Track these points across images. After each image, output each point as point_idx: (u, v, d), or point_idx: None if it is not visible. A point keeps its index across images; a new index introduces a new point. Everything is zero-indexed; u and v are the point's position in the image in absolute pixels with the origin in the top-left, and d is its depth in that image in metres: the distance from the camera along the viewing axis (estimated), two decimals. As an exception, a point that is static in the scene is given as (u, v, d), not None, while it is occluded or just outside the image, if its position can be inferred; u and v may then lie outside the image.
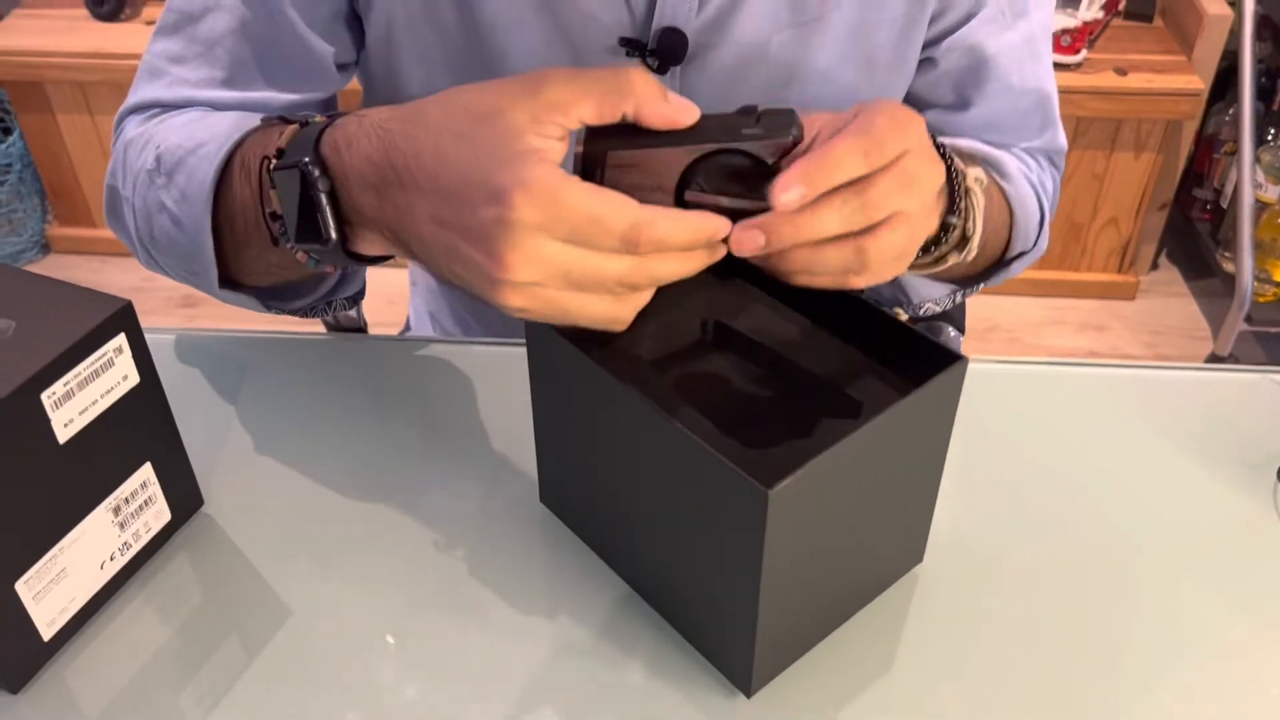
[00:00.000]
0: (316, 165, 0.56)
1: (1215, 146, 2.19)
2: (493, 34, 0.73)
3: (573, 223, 0.48)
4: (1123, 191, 2.16)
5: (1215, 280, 2.26)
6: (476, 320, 0.99)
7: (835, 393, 0.56)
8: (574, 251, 0.49)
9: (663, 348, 0.59)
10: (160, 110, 0.75)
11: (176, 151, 0.68)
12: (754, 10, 0.73)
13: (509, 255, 0.49)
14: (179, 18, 0.74)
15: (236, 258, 0.68)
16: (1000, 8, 0.79)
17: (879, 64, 0.79)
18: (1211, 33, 2.01)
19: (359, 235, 0.58)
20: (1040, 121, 0.86)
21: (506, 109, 0.51)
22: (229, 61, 0.74)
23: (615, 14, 0.72)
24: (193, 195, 0.66)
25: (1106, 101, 2.01)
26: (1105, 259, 2.26)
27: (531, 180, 0.48)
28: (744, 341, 0.60)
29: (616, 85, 0.52)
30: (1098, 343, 2.18)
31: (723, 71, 0.76)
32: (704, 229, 0.52)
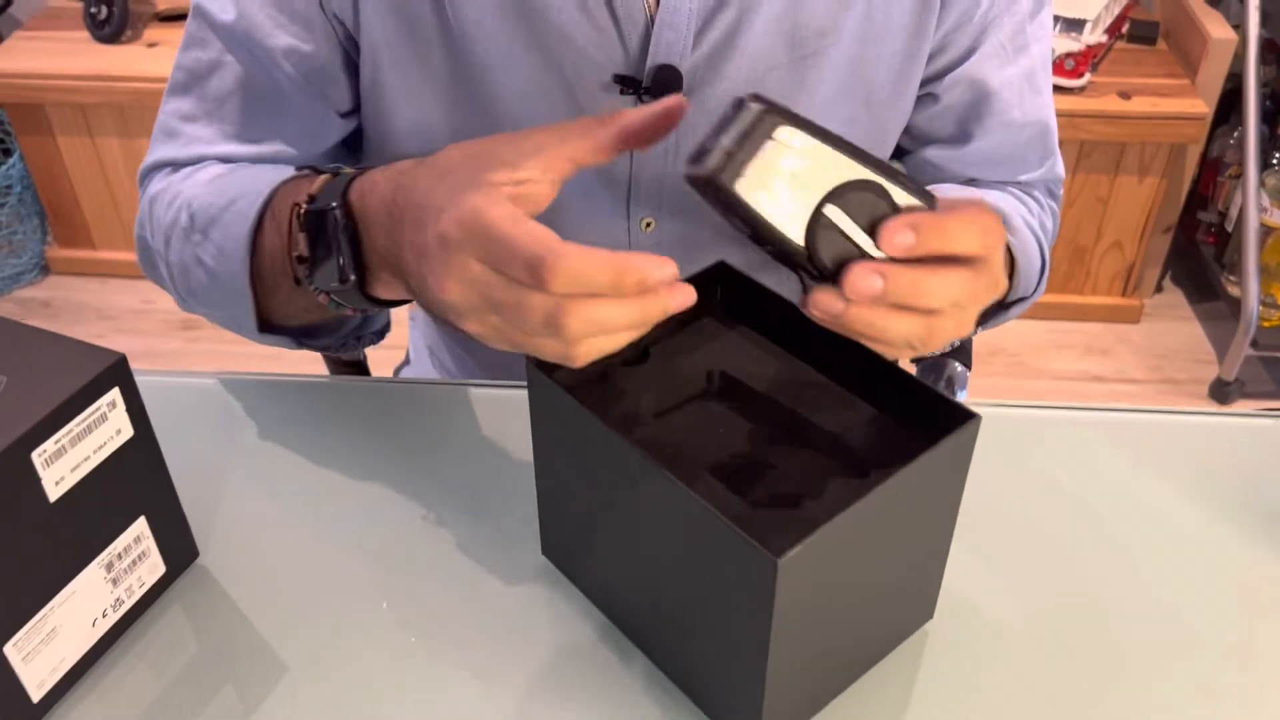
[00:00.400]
0: (342, 209, 0.59)
1: (1220, 169, 2.18)
2: (484, 75, 0.73)
3: (488, 246, 0.48)
4: (1127, 215, 2.15)
5: (1220, 304, 2.25)
6: (473, 357, 0.98)
7: (845, 451, 0.55)
8: (494, 276, 0.49)
9: (666, 399, 0.58)
10: (179, 167, 0.77)
11: (209, 209, 0.70)
12: (750, 46, 0.72)
13: (438, 271, 0.50)
14: (188, 76, 0.76)
15: (268, 303, 0.70)
16: (1001, 43, 0.79)
17: (877, 100, 0.78)
18: (1215, 56, 2.00)
19: (376, 278, 0.60)
20: (1040, 153, 0.86)
21: (493, 148, 0.53)
22: (237, 117, 0.76)
23: (609, 51, 0.71)
24: (229, 251, 0.68)
25: (1110, 125, 2.00)
26: (1109, 282, 2.24)
27: (465, 203, 0.49)
28: (751, 394, 0.59)
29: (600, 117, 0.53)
30: (1102, 366, 2.17)
31: (719, 108, 0.74)
32: (630, 268, 0.47)
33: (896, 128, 0.82)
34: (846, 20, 0.73)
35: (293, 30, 0.72)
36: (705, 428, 0.57)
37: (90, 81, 2.08)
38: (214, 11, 0.73)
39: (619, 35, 0.71)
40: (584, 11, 0.70)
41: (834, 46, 0.73)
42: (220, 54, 0.74)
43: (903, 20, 0.75)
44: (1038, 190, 0.88)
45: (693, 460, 0.54)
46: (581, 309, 0.47)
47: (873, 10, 0.74)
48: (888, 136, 0.82)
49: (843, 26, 0.73)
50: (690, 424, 0.57)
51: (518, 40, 0.71)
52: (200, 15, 0.74)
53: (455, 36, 0.71)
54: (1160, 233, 2.19)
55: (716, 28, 0.71)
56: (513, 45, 0.71)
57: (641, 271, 0.47)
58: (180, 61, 0.76)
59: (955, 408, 0.54)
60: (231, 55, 0.74)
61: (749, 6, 0.71)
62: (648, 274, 0.47)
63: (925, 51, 0.77)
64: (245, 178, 0.72)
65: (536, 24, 0.70)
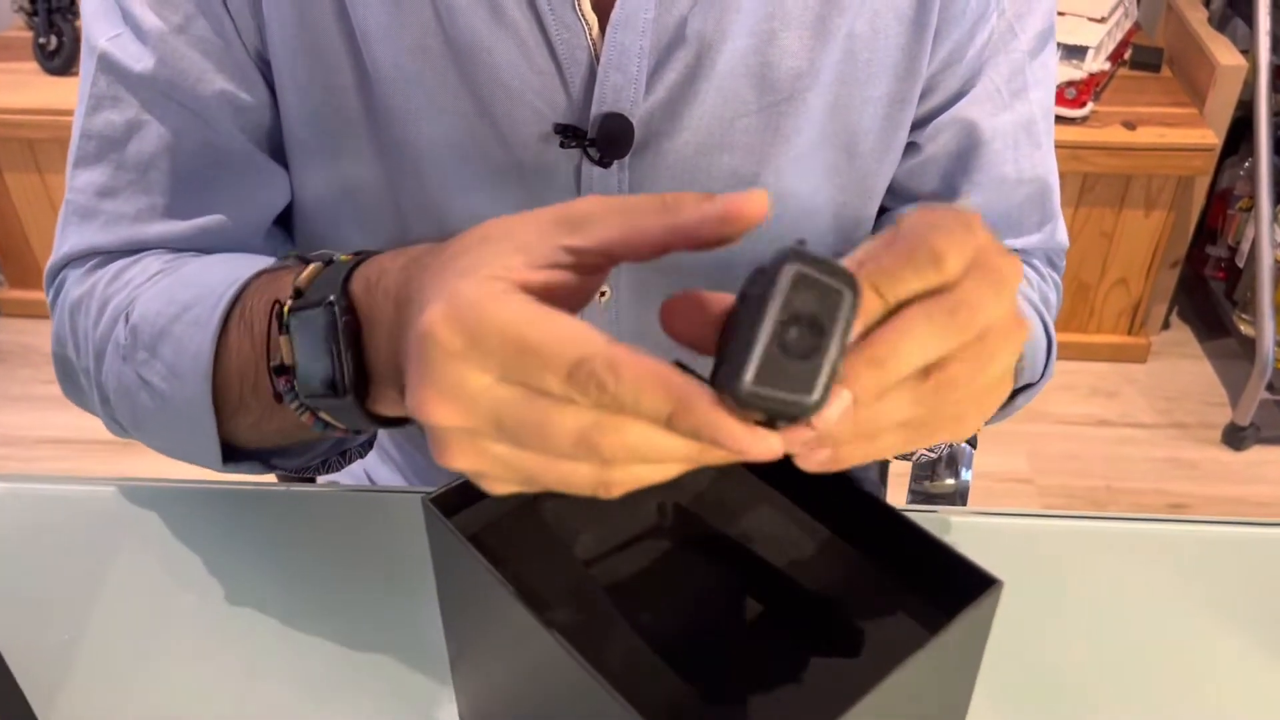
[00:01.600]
0: (342, 303, 0.47)
1: (1229, 202, 2.08)
2: (406, 125, 0.61)
3: (502, 351, 0.35)
4: (1132, 250, 2.04)
5: (1230, 341, 2.14)
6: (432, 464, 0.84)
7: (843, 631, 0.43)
8: (509, 391, 0.36)
9: (607, 542, 0.46)
10: (103, 259, 0.63)
11: (156, 320, 0.57)
12: (713, 90, 0.61)
13: (425, 391, 0.36)
14: (100, 144, 0.62)
15: (232, 426, 0.57)
16: (996, 85, 0.67)
17: (862, 150, 0.66)
18: (1224, 84, 1.90)
19: (382, 393, 0.48)
20: (1039, 216, 0.73)
21: (508, 228, 0.39)
22: (168, 185, 0.62)
23: (549, 97, 0.60)
24: (184, 370, 0.55)
25: (1115, 157, 1.90)
26: (1115, 320, 2.14)
27: (457, 294, 0.36)
28: (716, 539, 0.47)
29: (653, 201, 0.38)
30: (1108, 410, 2.05)
31: (680, 163, 0.63)
32: (695, 410, 0.34)
33: (883, 182, 0.70)
34: (825, 58, 0.61)
35: (225, 76, 0.60)
36: (656, 590, 0.45)
37: (38, 115, 1.97)
38: (125, 61, 0.59)
39: (560, 79, 0.60)
40: (520, 51, 0.59)
41: (811, 90, 0.62)
42: (138, 111, 0.61)
43: (890, 59, 0.63)
44: (1036, 259, 0.75)
45: (640, 651, 0.42)
46: (628, 427, 0.35)
47: (855, 47, 0.62)
48: (873, 191, 0.70)
49: (820, 66, 0.62)
50: (633, 581, 0.45)
51: (445, 86, 0.60)
52: (107, 69, 0.60)
53: (373, 82, 0.60)
54: (1167, 268, 2.09)
55: (672, 69, 0.60)
56: (438, 91, 0.60)
57: (703, 415, 0.34)
58: (87, 128, 0.62)
59: (972, 571, 0.42)
60: (151, 112, 0.61)
61: (709, 43, 0.59)
62: (711, 424, 0.34)
63: (916, 94, 0.65)
64: (197, 276, 0.58)
65: (465, 67, 0.59)
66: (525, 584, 0.42)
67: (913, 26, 0.62)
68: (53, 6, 2.01)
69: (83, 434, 1.94)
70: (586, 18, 0.58)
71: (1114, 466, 1.93)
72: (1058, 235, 0.75)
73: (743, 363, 0.33)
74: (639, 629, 0.42)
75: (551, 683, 0.42)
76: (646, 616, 0.43)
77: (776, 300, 0.33)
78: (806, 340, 0.33)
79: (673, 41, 0.59)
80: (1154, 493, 1.89)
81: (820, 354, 0.34)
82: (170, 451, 0.61)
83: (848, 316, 0.34)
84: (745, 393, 0.33)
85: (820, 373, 0.34)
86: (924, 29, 0.62)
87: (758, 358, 0.33)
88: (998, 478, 1.90)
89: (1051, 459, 1.94)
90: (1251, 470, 1.94)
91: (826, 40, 0.61)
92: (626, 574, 0.46)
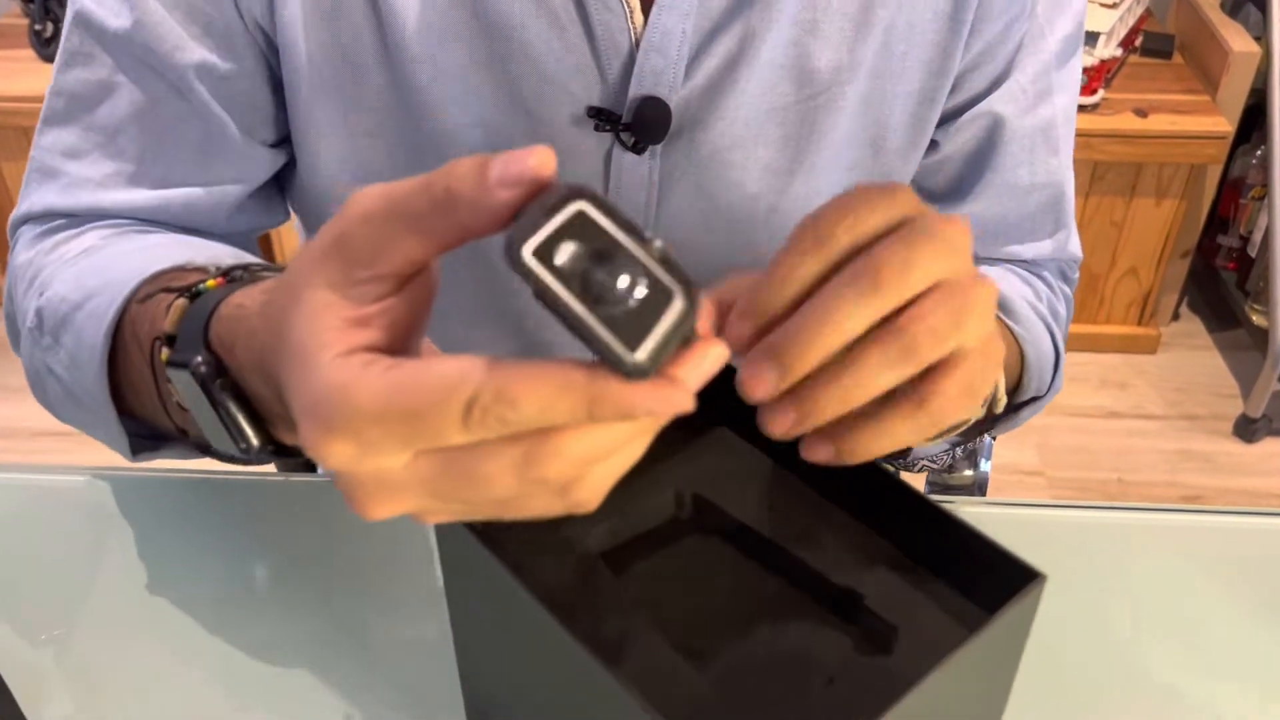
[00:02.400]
0: (210, 365, 0.42)
1: (1241, 190, 2.05)
2: (430, 105, 0.59)
3: (390, 433, 0.31)
4: (1143, 239, 2.02)
5: (1241, 332, 2.11)
6: None
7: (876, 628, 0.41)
8: (428, 462, 0.32)
9: (621, 534, 0.44)
10: (62, 223, 0.60)
11: (61, 305, 0.54)
12: (753, 79, 0.58)
13: (356, 496, 0.33)
14: (70, 102, 0.60)
15: (143, 414, 0.53)
16: (1022, 86, 0.64)
17: (888, 147, 0.64)
18: (1237, 71, 1.87)
19: (282, 429, 0.43)
20: (1051, 225, 0.70)
21: (303, 288, 0.33)
22: (135, 152, 0.60)
23: (583, 79, 0.58)
24: (83, 361, 0.52)
25: (1126, 145, 1.87)
26: (1125, 310, 2.11)
27: (314, 402, 0.31)
28: (736, 529, 0.44)
29: (432, 182, 0.32)
30: (1118, 401, 2.03)
31: (713, 155, 0.61)
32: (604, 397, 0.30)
33: (904, 179, 0.67)
34: (864, 52, 0.59)
35: (207, 44, 0.57)
36: (675, 585, 0.43)
37: (34, 103, 1.94)
38: (102, 18, 0.57)
39: (596, 60, 0.57)
40: (554, 29, 0.56)
41: (849, 83, 0.60)
42: (112, 72, 0.58)
43: (924, 54, 0.61)
44: (1047, 270, 0.72)
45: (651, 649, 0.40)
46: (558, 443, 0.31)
47: (892, 42, 0.60)
48: None
49: (859, 59, 0.59)
50: (649, 574, 0.43)
51: (473, 65, 0.57)
52: (83, 25, 0.58)
53: (396, 58, 0.57)
54: (1178, 258, 2.06)
55: (714, 55, 0.58)
56: (466, 71, 0.57)
57: (620, 397, 0.30)
58: (59, 85, 0.60)
59: (1012, 563, 0.40)
60: (125, 75, 0.58)
61: (754, 31, 0.57)
62: (631, 402, 0.30)
63: (945, 92, 0.63)
64: (111, 263, 0.55)
65: (496, 45, 0.57)
66: (537, 578, 0.39)
67: (949, 22, 0.60)
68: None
69: (80, 426, 1.92)
70: (629, 1, 0.56)
71: (1125, 459, 1.91)
72: (1070, 245, 0.72)
73: (609, 347, 0.29)
74: (658, 626, 0.40)
75: (565, 681, 0.40)
76: (666, 613, 0.41)
77: (555, 285, 0.28)
78: (612, 280, 0.29)
79: (716, 27, 0.57)
80: (1166, 485, 1.86)
81: (636, 274, 0.29)
82: (90, 435, 0.57)
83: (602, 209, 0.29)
84: (642, 366, 0.29)
85: (658, 273, 0.29)
86: (960, 25, 0.60)
87: (608, 333, 0.29)
88: (1008, 471, 1.87)
89: (1061, 451, 1.92)
90: (1264, 463, 1.91)
91: (866, 32, 0.59)
92: (644, 569, 0.43)
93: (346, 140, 0.61)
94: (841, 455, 0.38)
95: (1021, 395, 0.66)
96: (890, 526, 0.44)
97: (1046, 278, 0.72)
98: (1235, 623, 0.58)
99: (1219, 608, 0.59)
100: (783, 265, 0.37)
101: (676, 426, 0.46)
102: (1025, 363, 0.64)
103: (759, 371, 0.36)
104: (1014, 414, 0.67)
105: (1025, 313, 0.65)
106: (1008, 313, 0.64)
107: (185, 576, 0.59)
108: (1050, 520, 0.64)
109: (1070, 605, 0.58)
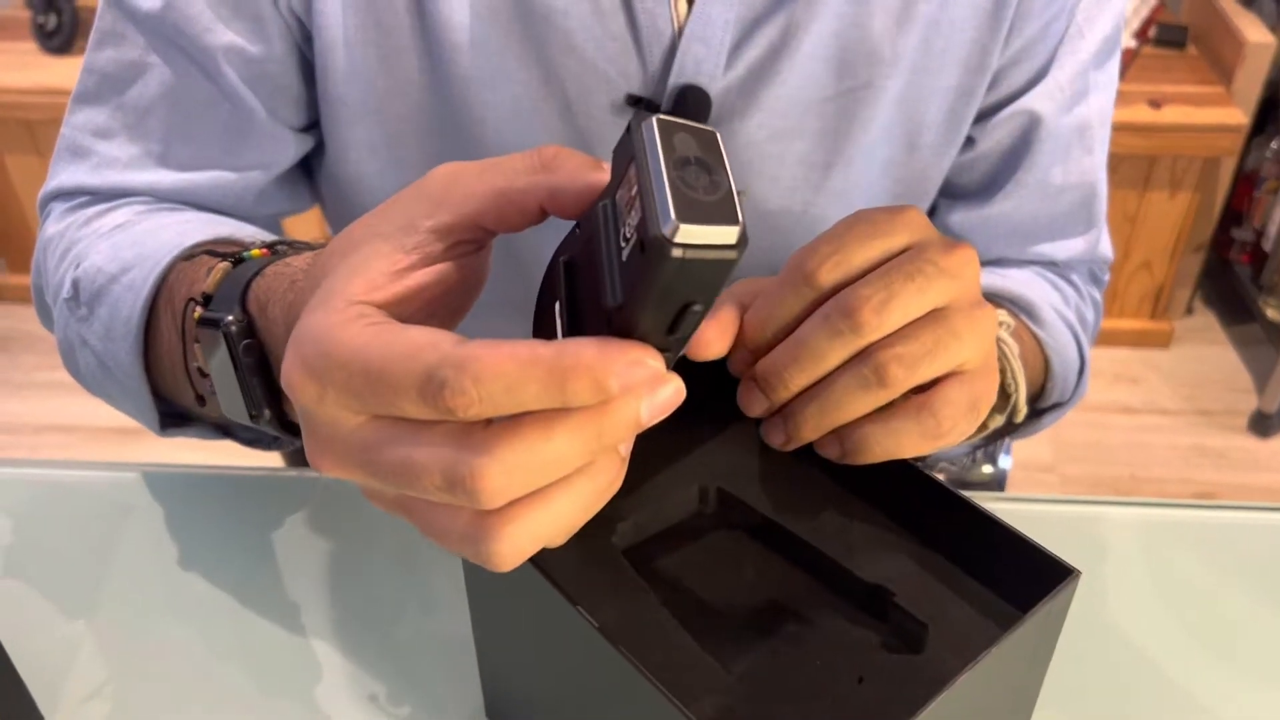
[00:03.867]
0: (242, 324, 0.44)
1: (1256, 183, 2.03)
2: (466, 90, 0.58)
3: (351, 386, 0.30)
4: (1156, 233, 2.00)
5: (1256, 326, 2.09)
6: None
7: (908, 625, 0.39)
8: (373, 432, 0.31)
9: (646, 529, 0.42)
10: (88, 199, 0.61)
11: (97, 277, 0.55)
12: (794, 71, 0.57)
13: (309, 444, 0.33)
14: (102, 81, 0.60)
15: (169, 391, 0.54)
16: (1060, 83, 0.63)
17: (923, 143, 0.63)
18: (1253, 62, 1.85)
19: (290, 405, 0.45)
20: (1083, 224, 0.69)
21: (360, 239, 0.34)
22: (164, 134, 0.60)
23: (622, 66, 0.57)
24: (117, 334, 0.53)
25: (1139, 137, 1.85)
26: (1137, 304, 2.09)
27: (302, 336, 0.32)
28: (762, 525, 0.43)
29: (527, 159, 0.34)
30: (1131, 396, 2.01)
31: (751, 146, 0.60)
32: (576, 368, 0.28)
33: (938, 177, 0.66)
34: (904, 47, 0.58)
35: (237, 26, 0.57)
36: (703, 581, 0.41)
37: (37, 96, 1.93)
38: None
39: (637, 47, 0.56)
40: (595, 15, 0.55)
41: (889, 78, 0.59)
42: (143, 53, 0.58)
43: (962, 50, 0.60)
44: (1077, 274, 0.71)
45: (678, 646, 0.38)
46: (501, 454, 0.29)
47: (932, 36, 0.59)
48: (928, 187, 0.66)
49: (900, 54, 0.58)
50: (675, 570, 0.41)
51: (511, 49, 0.56)
52: (116, 4, 0.58)
53: (434, 42, 0.57)
54: (1191, 251, 2.04)
55: (756, 44, 0.57)
56: (504, 55, 0.57)
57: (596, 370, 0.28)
58: (91, 62, 0.60)
59: (1046, 559, 0.38)
60: (157, 55, 0.58)
61: (798, 22, 0.56)
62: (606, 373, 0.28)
63: (982, 89, 0.62)
64: (145, 236, 0.56)
65: (536, 30, 0.56)
66: (561, 574, 0.38)
67: (989, 19, 0.59)
68: (52, -15, 1.98)
69: (88, 421, 1.91)
70: None
71: (1138, 454, 1.89)
72: (1101, 246, 0.71)
73: (658, 207, 0.27)
74: (685, 622, 0.38)
75: (589, 678, 0.39)
76: (693, 609, 0.39)
77: (659, 146, 0.28)
78: (705, 178, 0.28)
79: (759, 17, 0.56)
80: (1180, 481, 1.84)
81: (723, 188, 0.29)
82: (119, 408, 0.59)
83: (725, 150, 0.30)
84: (679, 238, 0.27)
85: (735, 201, 0.29)
86: (1000, 22, 0.59)
87: (671, 197, 0.27)
88: (1020, 466, 1.86)
89: (1074, 447, 1.90)
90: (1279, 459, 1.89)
91: (908, 27, 0.58)
92: (670, 564, 0.42)
93: (377, 126, 0.61)
94: (847, 455, 0.42)
95: (1045, 401, 0.65)
96: (920, 522, 0.42)
97: (1075, 282, 0.71)
98: (1251, 619, 0.57)
99: (1234, 604, 0.57)
100: (770, 301, 0.41)
101: (702, 421, 0.45)
102: (1050, 370, 0.64)
103: (750, 395, 0.42)
104: (1036, 419, 0.66)
105: (1051, 319, 0.64)
106: (1034, 319, 0.64)
107: (205, 572, 0.58)
108: (1064, 516, 0.63)
109: (1083, 601, 0.57)
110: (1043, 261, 0.69)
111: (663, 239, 0.27)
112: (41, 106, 1.94)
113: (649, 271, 0.28)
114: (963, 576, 0.40)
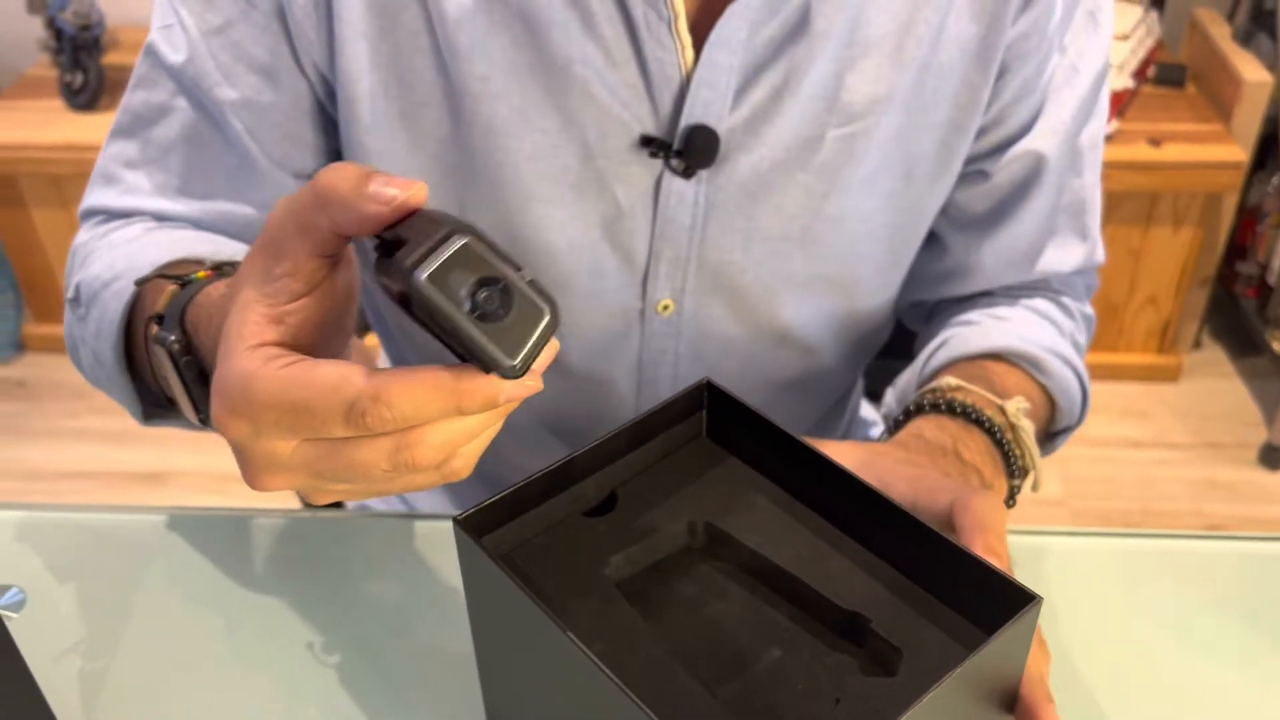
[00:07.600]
0: (181, 343, 0.51)
1: (1259, 218, 2.05)
2: (488, 138, 0.62)
3: (281, 422, 0.37)
4: (1161, 268, 2.02)
5: (1263, 359, 2.10)
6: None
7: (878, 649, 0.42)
8: (313, 447, 0.38)
9: (637, 561, 0.45)
10: (111, 218, 0.69)
11: (94, 284, 0.63)
12: (796, 109, 0.62)
13: (248, 472, 0.40)
14: (134, 120, 0.67)
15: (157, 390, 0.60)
16: (1064, 120, 0.68)
17: (919, 174, 0.67)
18: (1251, 100, 1.88)
19: None
20: (1078, 234, 0.75)
21: (240, 285, 0.40)
22: (182, 169, 0.67)
23: (636, 109, 0.61)
24: (104, 334, 0.61)
25: (1141, 174, 1.88)
26: (1144, 339, 2.11)
27: (223, 385, 0.38)
28: (744, 555, 0.45)
29: (317, 180, 0.38)
30: (1140, 430, 2.02)
31: (756, 178, 0.64)
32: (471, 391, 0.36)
33: (934, 206, 0.71)
34: (899, 86, 0.63)
35: (249, 82, 0.63)
36: (688, 610, 0.44)
37: (64, 152, 1.99)
38: (165, 51, 0.64)
39: (648, 92, 0.61)
40: (609, 63, 0.60)
41: (885, 115, 0.63)
42: (170, 97, 0.65)
43: (951, 88, 0.64)
44: (1070, 293, 0.77)
45: (665, 672, 0.41)
46: (427, 434, 0.37)
47: (925, 76, 0.63)
48: (925, 214, 0.72)
49: (895, 93, 0.63)
50: (664, 600, 0.44)
51: (531, 99, 0.61)
52: (151, 54, 0.65)
53: (457, 95, 0.61)
54: (1197, 286, 2.06)
55: (760, 87, 0.61)
56: (525, 105, 0.61)
57: (485, 391, 0.36)
58: (127, 102, 0.67)
59: (1009, 585, 0.41)
60: (177, 102, 0.65)
61: (798, 66, 0.61)
62: (495, 393, 0.36)
63: (975, 124, 0.67)
64: (139, 250, 0.63)
65: (555, 81, 0.60)
66: (557, 605, 0.40)
67: (976, 60, 0.64)
68: (78, 44, 2.04)
69: (108, 467, 1.95)
70: (682, 38, 0.59)
71: (1148, 488, 1.90)
72: (1096, 254, 0.76)
73: (495, 356, 0.35)
74: (671, 649, 0.41)
75: (585, 705, 0.41)
76: (680, 636, 0.42)
77: (457, 305, 0.34)
78: (495, 297, 0.35)
79: (763, 62, 0.61)
80: (1190, 514, 1.85)
81: (512, 293, 0.35)
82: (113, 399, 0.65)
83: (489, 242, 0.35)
84: (518, 369, 0.35)
85: (529, 293, 0.35)
86: (988, 63, 0.64)
87: (491, 344, 0.34)
88: (1030, 501, 1.86)
89: (1084, 481, 1.91)
90: (1289, 491, 1.90)
91: (901, 69, 0.62)
92: (659, 594, 0.44)
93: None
94: None
95: (1054, 427, 0.73)
96: (895, 553, 0.45)
97: (1068, 305, 0.76)
98: (1261, 651, 0.58)
99: (1244, 635, 0.59)
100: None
101: (691, 459, 0.48)
102: (1056, 406, 0.71)
103: None
104: (1049, 442, 0.74)
105: (1056, 368, 0.71)
106: (1040, 371, 0.70)
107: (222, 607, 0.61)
108: (1073, 548, 0.65)
109: (1094, 632, 0.59)
110: (1045, 284, 0.76)
111: (512, 371, 0.35)
112: (68, 162, 1.99)
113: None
114: (934, 603, 0.43)
